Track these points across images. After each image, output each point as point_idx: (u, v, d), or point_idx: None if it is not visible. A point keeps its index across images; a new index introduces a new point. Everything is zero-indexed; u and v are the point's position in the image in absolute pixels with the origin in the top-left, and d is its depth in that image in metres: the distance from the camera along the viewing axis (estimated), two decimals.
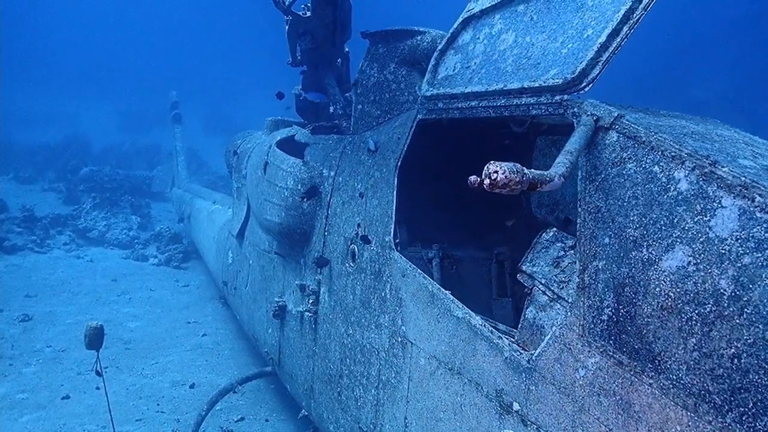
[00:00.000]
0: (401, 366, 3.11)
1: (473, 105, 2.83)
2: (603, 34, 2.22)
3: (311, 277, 4.36)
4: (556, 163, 1.84)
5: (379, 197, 3.51)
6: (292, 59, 5.75)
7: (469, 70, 3.08)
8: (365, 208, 3.65)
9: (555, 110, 2.35)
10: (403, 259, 3.18)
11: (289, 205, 4.42)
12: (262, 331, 5.59)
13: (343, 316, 3.81)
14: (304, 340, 4.47)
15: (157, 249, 12.17)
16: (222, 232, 8.03)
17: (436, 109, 3.14)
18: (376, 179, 3.59)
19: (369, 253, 3.53)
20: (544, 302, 2.31)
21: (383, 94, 3.98)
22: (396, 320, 3.17)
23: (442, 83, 3.20)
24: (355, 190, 3.84)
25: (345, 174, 4.04)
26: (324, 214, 4.23)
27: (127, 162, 24.21)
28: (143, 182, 18.62)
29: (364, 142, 3.91)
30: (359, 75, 4.18)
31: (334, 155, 4.29)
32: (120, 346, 7.32)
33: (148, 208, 16.52)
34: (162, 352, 7.24)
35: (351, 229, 3.79)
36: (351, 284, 3.73)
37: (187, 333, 7.99)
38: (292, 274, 4.82)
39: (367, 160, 3.77)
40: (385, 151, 3.59)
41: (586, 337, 2.01)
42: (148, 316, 8.52)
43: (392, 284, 3.23)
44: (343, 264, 3.87)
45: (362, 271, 3.59)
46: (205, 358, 7.18)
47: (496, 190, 1.63)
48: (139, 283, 10.10)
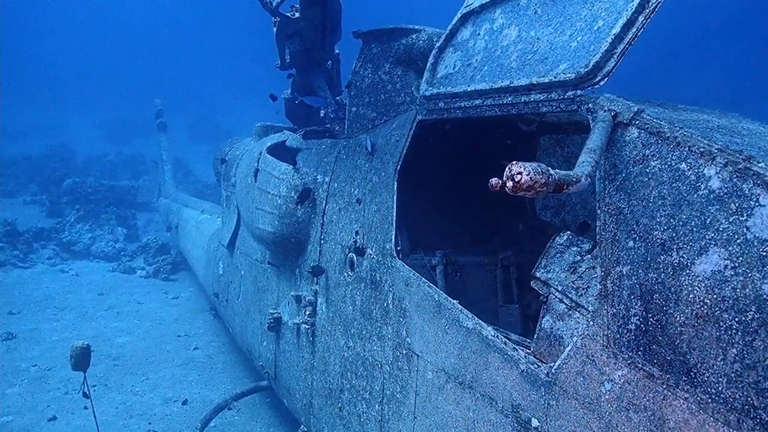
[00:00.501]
0: (407, 380, 2.98)
1: (477, 104, 2.71)
2: (617, 25, 2.10)
3: (307, 288, 4.21)
4: (581, 163, 1.72)
5: (378, 203, 3.38)
6: (281, 62, 5.61)
7: (471, 68, 2.96)
8: (363, 214, 3.52)
9: (567, 106, 2.24)
10: (405, 267, 3.05)
11: (283, 214, 4.27)
12: (256, 344, 5.43)
13: (343, 327, 3.67)
14: (301, 353, 4.32)
15: (145, 261, 11.95)
16: (212, 242, 7.86)
17: (437, 110, 3.02)
18: (375, 184, 3.46)
19: (368, 262, 3.39)
20: (562, 311, 2.19)
21: (378, 96, 3.86)
22: (400, 332, 3.04)
23: (442, 82, 3.08)
24: (351, 196, 3.70)
25: (340, 179, 3.90)
26: (319, 221, 4.09)
27: (111, 172, 23.88)
28: (128, 192, 18.32)
29: (361, 144, 3.79)
30: (353, 76, 4.05)
31: (329, 160, 4.15)
32: (108, 362, 7.11)
33: (134, 218, 16.26)
34: (152, 368, 7.04)
35: (349, 236, 3.65)
36: (350, 294, 3.59)
37: (178, 347, 7.80)
38: (286, 285, 4.67)
39: (364, 164, 3.63)
40: (382, 155, 3.46)
41: (611, 347, 1.88)
42: (136, 330, 8.31)
43: (395, 294, 3.10)
44: (341, 273, 3.73)
45: (362, 281, 3.45)
46: (198, 373, 7.00)
47: (519, 193, 1.50)
48: (126, 297, 9.88)
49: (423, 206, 3.78)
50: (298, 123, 6.43)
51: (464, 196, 3.96)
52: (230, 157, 6.90)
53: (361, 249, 3.47)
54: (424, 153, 3.47)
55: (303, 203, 4.12)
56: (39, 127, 32.56)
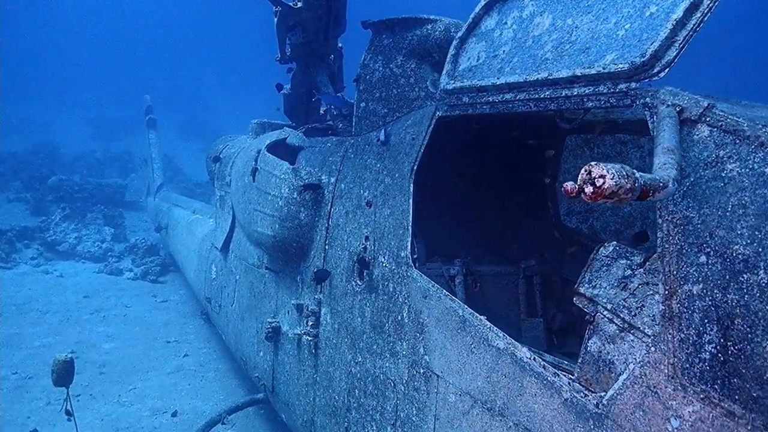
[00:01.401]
0: (424, 402, 2.73)
1: (508, 98, 2.48)
2: (678, 9, 1.87)
3: (310, 296, 3.96)
4: (662, 165, 1.48)
5: (392, 206, 3.13)
6: (281, 55, 5.35)
7: (498, 60, 2.73)
8: (374, 218, 3.27)
9: (619, 101, 2.00)
10: (423, 277, 2.80)
11: (284, 216, 4.01)
12: (252, 354, 5.16)
13: (350, 341, 3.42)
14: (302, 367, 4.06)
15: (133, 262, 11.62)
16: (204, 244, 7.57)
17: (460, 105, 2.78)
18: (387, 186, 3.21)
19: (380, 270, 3.14)
20: (613, 332, 1.95)
21: (390, 90, 3.61)
22: (417, 348, 2.79)
23: (465, 75, 2.84)
24: (361, 198, 3.45)
25: (348, 180, 3.65)
26: (324, 225, 3.83)
27: (98, 170, 23.46)
28: (116, 191, 17.95)
29: (370, 142, 3.54)
30: (362, 70, 3.80)
31: (334, 159, 3.90)
32: (94, 370, 6.81)
33: (122, 218, 15.89)
34: (140, 376, 6.75)
35: (357, 242, 3.40)
36: (359, 305, 3.34)
37: (168, 354, 7.50)
38: (286, 292, 4.41)
39: (375, 164, 3.39)
40: (396, 154, 3.22)
41: (679, 378, 1.65)
42: (124, 335, 8.00)
43: (411, 306, 2.85)
44: (348, 282, 3.48)
45: (373, 291, 3.20)
46: (188, 382, 6.71)
47: (599, 200, 1.26)
48: (113, 300, 9.55)
49: (438, 210, 3.54)
50: (298, 120, 6.18)
51: (481, 199, 3.73)
52: (224, 156, 6.63)
53: (366, 261, 3.25)
54: (438, 152, 3.23)
55: (310, 192, 3.86)
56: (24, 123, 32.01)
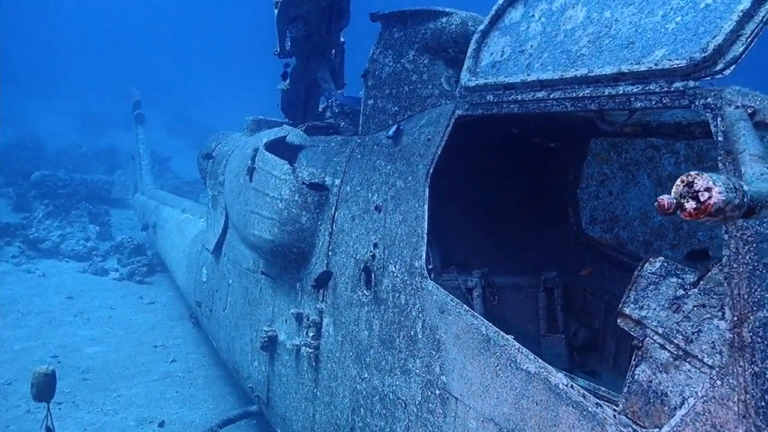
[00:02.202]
0: (440, 426, 2.53)
1: (541, 97, 2.28)
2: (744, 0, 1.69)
3: (311, 305, 3.74)
4: (759, 175, 1.28)
5: (404, 212, 2.93)
6: (280, 49, 5.13)
7: (525, 55, 2.53)
8: (384, 224, 3.06)
9: (674, 101, 1.81)
10: (440, 290, 2.60)
11: (284, 220, 3.79)
12: (245, 363, 4.93)
13: (355, 355, 3.21)
14: (301, 380, 3.84)
15: (119, 261, 11.32)
16: (194, 246, 7.32)
17: (483, 103, 2.58)
18: (399, 189, 3.01)
19: (390, 281, 2.94)
20: (665, 360, 1.76)
21: (401, 87, 3.41)
22: (432, 367, 2.59)
23: (488, 71, 2.64)
24: (369, 202, 3.24)
25: (354, 182, 3.44)
26: (327, 230, 3.62)
27: (84, 165, 23.04)
28: (102, 188, 17.60)
29: (379, 142, 3.33)
30: (370, 65, 3.60)
31: (339, 160, 3.69)
32: (77, 376, 6.54)
33: (108, 215, 15.57)
34: (125, 383, 6.49)
35: (365, 249, 3.19)
36: (366, 317, 3.13)
37: (155, 359, 7.24)
38: (284, 300, 4.19)
39: (386, 165, 3.18)
40: (409, 156, 3.01)
41: (752, 418, 1.46)
42: (109, 339, 7.73)
43: (426, 321, 2.65)
44: (353, 291, 3.27)
45: (381, 303, 3.00)
46: (176, 389, 6.46)
47: (702, 218, 1.06)
48: (98, 301, 9.27)
49: (451, 215, 3.34)
50: (295, 117, 5.97)
51: (497, 204, 3.53)
52: (218, 153, 6.38)
53: (375, 270, 3.06)
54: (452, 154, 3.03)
55: (313, 194, 3.66)
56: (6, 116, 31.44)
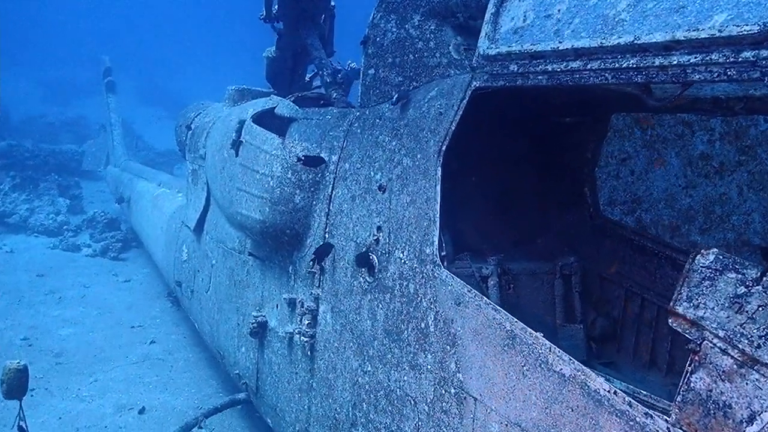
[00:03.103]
0: (456, 427, 2.35)
1: (575, 67, 2.05)
2: None
3: (305, 291, 3.52)
4: None
5: (412, 193, 2.70)
6: (266, 13, 4.79)
7: (552, 20, 2.29)
8: (389, 206, 2.83)
9: (741, 73, 1.60)
10: (456, 280, 2.39)
11: (276, 199, 3.53)
12: (231, 349, 4.71)
13: (357, 346, 3.00)
14: (294, 369, 3.64)
15: (91, 237, 10.92)
16: (172, 222, 7.01)
17: (506, 74, 2.34)
18: (406, 168, 2.77)
19: (397, 268, 2.72)
20: (729, 367, 1.58)
21: (406, 56, 3.14)
22: (446, 363, 2.40)
23: (509, 39, 2.40)
24: (371, 181, 3.01)
25: (354, 159, 3.19)
26: (324, 210, 3.38)
27: (51, 136, 22.25)
28: (72, 158, 17.00)
29: (382, 115, 3.08)
30: (371, 31, 3.32)
31: (336, 134, 3.43)
32: (50, 359, 6.26)
33: (79, 188, 15.05)
34: (102, 366, 6.23)
35: (367, 233, 2.96)
36: (368, 306, 2.92)
37: (132, 340, 6.98)
38: (274, 283, 3.95)
39: (390, 141, 2.93)
40: (417, 131, 2.77)
41: None
42: (83, 320, 7.42)
43: (439, 313, 2.45)
44: (354, 278, 3.05)
45: (387, 291, 2.78)
46: (156, 373, 6.22)
47: None
48: (70, 279, 8.92)
49: (460, 197, 3.12)
50: (282, 87, 5.65)
51: (507, 184, 3.32)
52: (198, 125, 6.05)
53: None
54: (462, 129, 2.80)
55: (308, 171, 3.41)
56: None
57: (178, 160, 23.17)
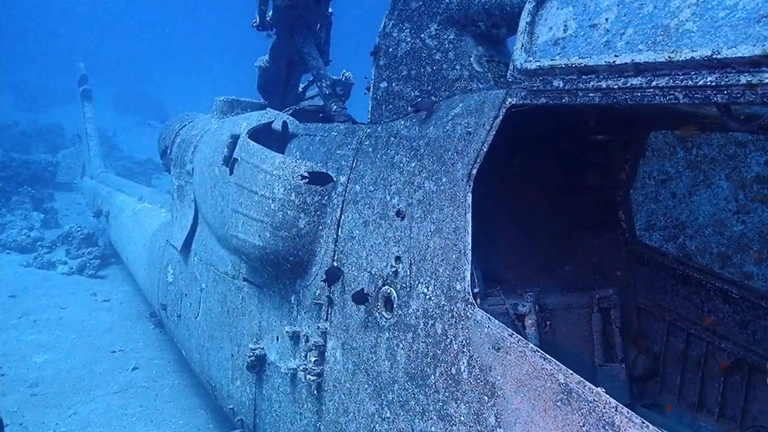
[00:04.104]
0: None
1: (637, 84, 1.82)
2: None
3: (311, 324, 3.24)
4: None
5: (437, 220, 2.45)
6: (260, 20, 4.52)
7: (599, 30, 2.07)
8: (409, 234, 2.58)
9: None
10: (493, 321, 2.15)
11: (278, 223, 3.26)
12: (224, 381, 4.41)
13: (373, 389, 2.74)
14: (298, 409, 3.36)
15: (67, 253, 10.48)
16: (156, 240, 6.68)
17: (549, 91, 2.11)
18: (429, 193, 2.52)
19: (421, 304, 2.47)
20: None
21: (422, 68, 2.90)
22: (483, 416, 2.14)
23: (550, 51, 2.17)
24: (386, 205, 2.75)
25: (366, 181, 2.94)
26: (331, 236, 3.11)
27: (23, 145, 21.65)
28: (45, 169, 16.45)
29: (396, 133, 2.83)
30: (382, 40, 3.07)
31: (344, 153, 3.17)
32: (24, 391, 5.87)
33: (53, 200, 14.61)
34: (81, 397, 5.85)
35: (383, 263, 2.71)
36: (386, 344, 2.66)
37: (113, 366, 6.60)
38: (274, 314, 3.67)
39: (408, 162, 2.69)
40: (441, 151, 2.53)
41: None
42: (60, 345, 7.03)
43: (474, 359, 2.20)
44: (369, 312, 2.79)
45: (409, 329, 2.53)
46: (140, 402, 5.87)
47: None
48: (45, 300, 8.49)
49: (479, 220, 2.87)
50: (274, 98, 5.39)
51: (531, 206, 3.09)
52: (184, 138, 5.75)
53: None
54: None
55: (313, 193, 3.16)
56: None
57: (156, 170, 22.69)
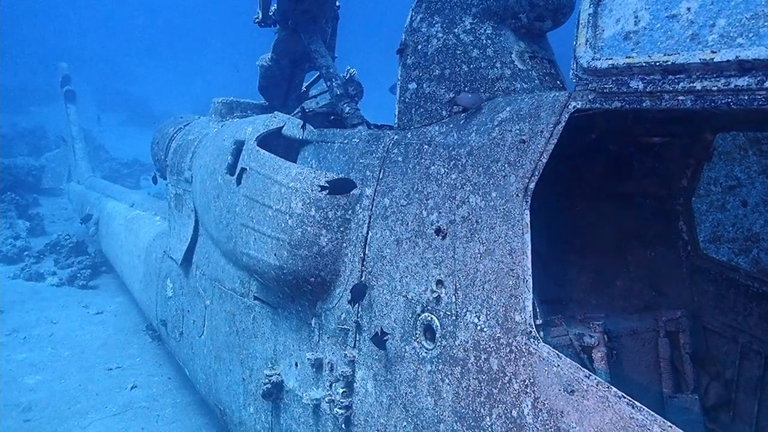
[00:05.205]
0: None
1: (743, 86, 1.57)
2: None
3: (336, 351, 2.98)
4: None
5: (487, 241, 2.19)
6: (262, 15, 4.23)
7: (681, 22, 1.81)
8: (453, 255, 2.32)
9: None
10: (563, 359, 1.89)
11: (297, 241, 2.98)
12: (235, 406, 4.14)
13: (413, 427, 2.48)
14: None
15: (56, 263, 10.13)
16: (152, 251, 6.38)
17: (625, 93, 1.85)
18: (474, 208, 2.26)
19: (471, 335, 2.21)
20: None
21: (457, 67, 2.63)
22: None
23: (621, 46, 1.91)
24: (423, 222, 2.49)
25: (396, 194, 2.67)
26: (357, 254, 2.85)
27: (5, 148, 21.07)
28: (29, 173, 16.02)
29: (430, 140, 2.57)
30: (408, 36, 2.80)
31: (369, 162, 2.90)
32: (17, 416, 5.57)
33: (38, 205, 14.21)
34: (78, 421, 5.56)
35: (422, 287, 2.45)
36: (429, 379, 2.40)
37: (110, 386, 6.31)
38: (291, 337, 3.41)
39: (447, 173, 2.42)
40: (488, 162, 2.26)
41: None
42: (52, 364, 6.72)
43: (540, 401, 1.94)
44: (406, 341, 2.53)
45: (456, 363, 2.27)
46: (141, 424, 5.59)
47: None
48: (35, 314, 8.16)
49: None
50: (275, 99, 5.10)
51: (577, 216, 2.84)
52: (180, 143, 5.45)
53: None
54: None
55: (335, 206, 2.89)
56: None
57: (144, 171, 22.31)
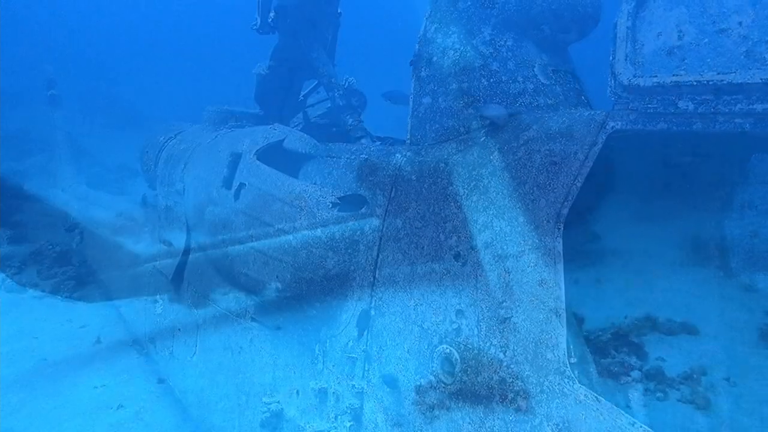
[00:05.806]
0: None
1: None
2: None
3: (342, 381, 2.81)
4: None
5: (514, 269, 2.04)
6: (261, 22, 4.07)
7: (732, 36, 1.68)
8: (474, 284, 2.17)
9: None
10: (602, 403, 1.74)
11: (301, 263, 2.82)
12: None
13: None
14: None
15: (38, 274, 9.83)
16: (140, 265, 6.17)
17: (671, 114, 1.71)
18: (499, 233, 2.11)
19: (494, 371, 2.06)
20: None
21: (476, 81, 2.49)
22: None
23: (663, 62, 1.77)
24: (440, 246, 2.34)
25: (410, 215, 2.52)
26: (367, 279, 2.69)
27: None
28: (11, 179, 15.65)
29: (447, 158, 2.42)
30: (422, 47, 2.66)
31: (379, 180, 2.75)
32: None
33: (20, 212, 13.85)
34: None
35: (439, 317, 2.29)
36: (447, 416, 2.24)
37: (96, 405, 6.05)
38: (294, 363, 3.23)
39: (468, 195, 2.27)
40: (516, 184, 2.12)
41: None
42: (34, 381, 6.48)
43: None
44: (421, 375, 2.37)
45: (479, 400, 2.12)
46: None
47: None
48: (15, 328, 7.91)
49: None
50: (272, 108, 4.93)
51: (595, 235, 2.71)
52: (171, 153, 5.26)
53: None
54: None
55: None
56: None
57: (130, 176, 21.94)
